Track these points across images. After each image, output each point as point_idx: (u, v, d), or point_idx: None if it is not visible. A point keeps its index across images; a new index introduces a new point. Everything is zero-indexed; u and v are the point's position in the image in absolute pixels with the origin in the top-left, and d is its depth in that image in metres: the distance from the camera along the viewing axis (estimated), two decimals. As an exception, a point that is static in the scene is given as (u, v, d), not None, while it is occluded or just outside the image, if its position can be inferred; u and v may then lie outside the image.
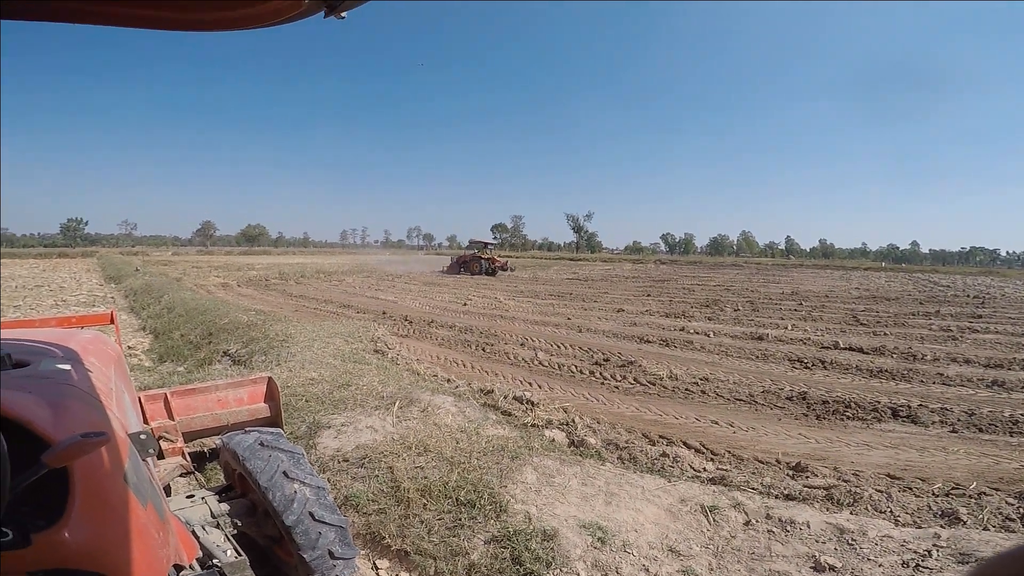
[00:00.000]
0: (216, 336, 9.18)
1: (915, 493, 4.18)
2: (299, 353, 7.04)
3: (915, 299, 19.48)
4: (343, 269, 33.15)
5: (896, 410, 6.22)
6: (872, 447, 5.26)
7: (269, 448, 2.40)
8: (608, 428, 5.62)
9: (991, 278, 36.89)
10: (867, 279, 32.81)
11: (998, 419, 5.87)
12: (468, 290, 20.97)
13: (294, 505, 2.19)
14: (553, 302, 17.34)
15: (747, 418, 6.14)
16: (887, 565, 2.86)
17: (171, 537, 1.31)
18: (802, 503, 3.77)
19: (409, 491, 3.45)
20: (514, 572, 2.82)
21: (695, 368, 8.25)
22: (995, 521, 3.62)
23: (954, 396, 6.85)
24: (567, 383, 7.55)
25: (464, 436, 4.32)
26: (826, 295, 20.83)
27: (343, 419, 4.62)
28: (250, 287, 21.41)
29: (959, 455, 5.02)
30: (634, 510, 3.45)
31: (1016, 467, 4.70)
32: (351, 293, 19.40)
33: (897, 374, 7.89)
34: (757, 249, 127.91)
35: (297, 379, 5.80)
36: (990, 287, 26.94)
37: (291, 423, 4.60)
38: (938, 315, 14.64)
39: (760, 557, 3.02)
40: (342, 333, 8.99)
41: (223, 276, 25.63)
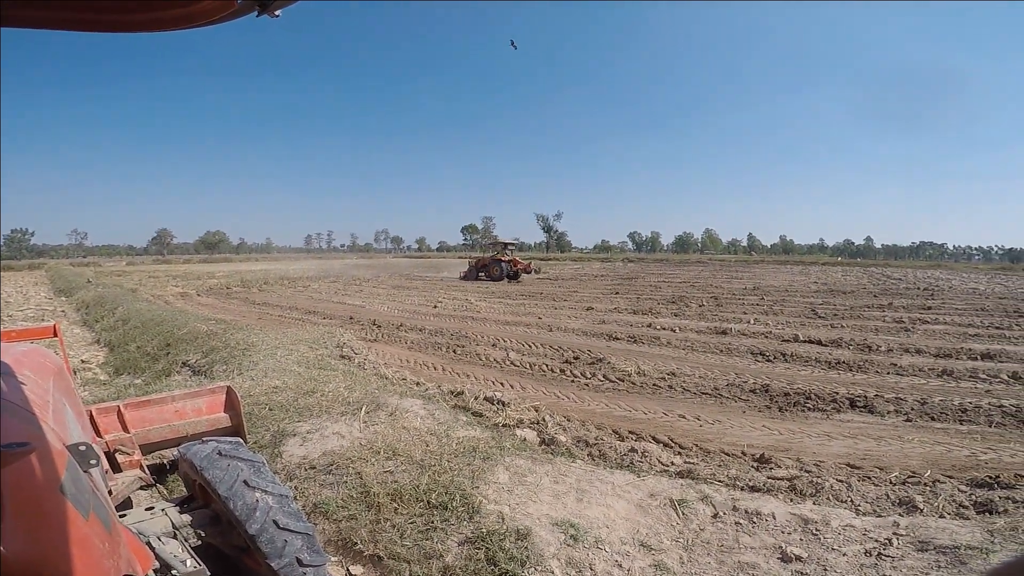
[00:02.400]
0: (175, 347, 8.88)
1: (874, 482, 4.30)
2: (262, 361, 6.87)
3: (870, 292, 20.29)
4: (308, 275, 32.52)
5: (854, 401, 6.42)
6: (832, 437, 5.42)
7: (228, 457, 2.38)
8: (578, 425, 5.67)
9: (939, 271, 38.71)
10: (825, 273, 34.05)
11: (948, 408, 6.10)
12: (439, 292, 20.85)
13: (256, 514, 2.17)
14: (524, 302, 17.39)
15: (713, 411, 6.28)
16: (851, 554, 2.94)
17: (121, 548, 1.28)
18: (767, 494, 3.86)
19: (379, 496, 3.41)
20: (489, 572, 2.81)
21: (662, 363, 8.39)
22: (950, 509, 3.74)
23: (907, 386, 7.12)
24: (538, 382, 7.58)
25: (434, 439, 4.29)
26: (786, 289, 21.52)
27: (309, 426, 4.53)
28: (211, 296, 20.78)
29: (914, 444, 5.20)
30: (605, 506, 3.48)
31: (967, 454, 4.89)
32: (317, 299, 19.04)
33: (854, 365, 8.17)
34: (721, 246, 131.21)
35: (260, 388, 5.66)
36: (938, 280, 28.25)
37: (255, 432, 4.49)
38: (891, 307, 15.27)
39: (729, 549, 3.09)
40: (306, 340, 8.82)
41: (182, 285, 24.79)
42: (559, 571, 2.84)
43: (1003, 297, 18.30)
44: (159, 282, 27.10)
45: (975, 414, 5.87)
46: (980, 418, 5.77)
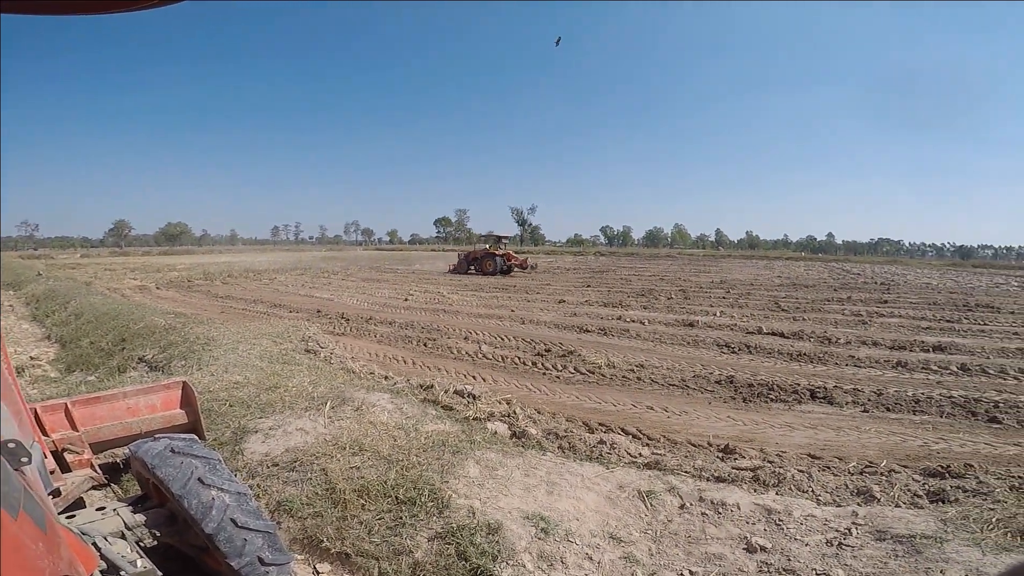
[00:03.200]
0: (130, 342, 8.54)
1: (833, 472, 4.42)
2: (223, 356, 6.65)
3: (830, 286, 20.96)
4: (275, 267, 31.69)
5: (814, 392, 6.61)
6: (794, 428, 5.56)
7: (181, 455, 2.31)
8: (549, 418, 5.68)
9: (896, 266, 40.32)
10: (788, 268, 35.04)
11: (903, 399, 6.33)
12: (410, 285, 20.62)
13: (213, 512, 2.12)
14: (497, 295, 17.36)
15: (680, 403, 6.37)
16: (813, 544, 3.01)
17: (62, 550, 1.22)
18: (732, 485, 3.91)
19: (345, 492, 3.34)
20: (461, 568, 2.78)
21: (631, 355, 8.48)
22: (905, 498, 3.85)
23: (865, 377, 7.37)
24: (510, 375, 7.57)
25: (402, 433, 4.22)
26: (751, 283, 22.04)
27: (271, 422, 4.40)
28: (171, 289, 20.07)
29: (871, 434, 5.36)
30: (575, 499, 3.48)
31: (920, 444, 5.08)
32: (283, 292, 18.59)
33: (815, 357, 8.41)
34: (689, 241, 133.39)
35: (220, 383, 5.48)
36: (895, 275, 29.42)
37: (214, 429, 4.34)
38: (850, 301, 15.80)
39: (696, 540, 3.13)
40: (270, 334, 8.58)
41: (140, 278, 23.82)
42: (531, 565, 2.83)
43: (953, 292, 19.17)
44: (116, 275, 25.99)
45: (927, 405, 6.10)
46: (932, 408, 6.00)
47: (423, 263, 38.21)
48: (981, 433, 5.30)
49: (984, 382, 7.01)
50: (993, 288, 21.07)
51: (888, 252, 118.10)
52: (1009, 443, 5.00)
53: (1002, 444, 4.99)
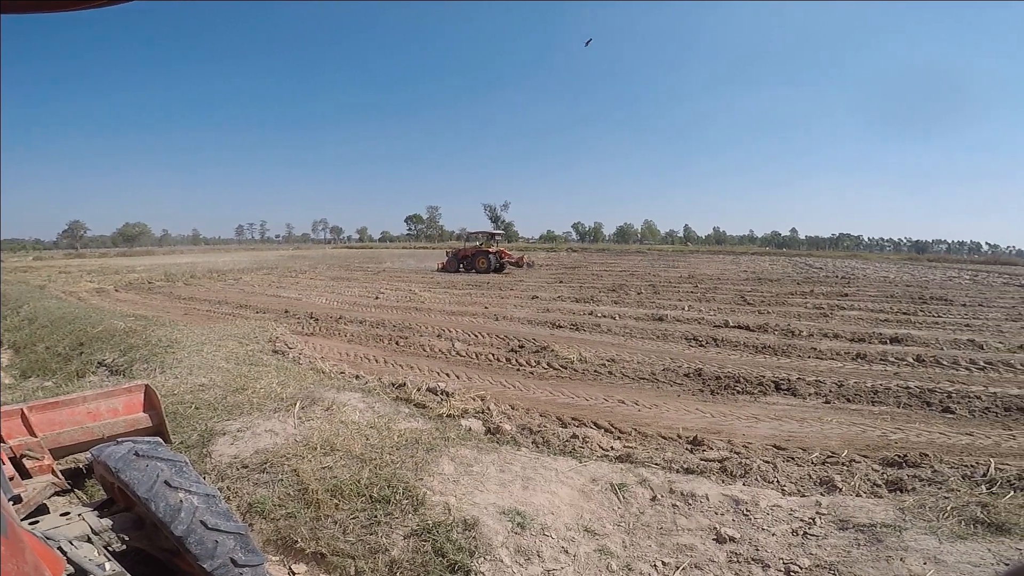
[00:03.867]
0: (89, 346, 8.25)
1: (797, 463, 4.52)
2: (186, 359, 6.49)
3: (793, 280, 21.59)
4: (240, 267, 30.89)
5: (779, 384, 6.77)
6: (760, 419, 5.69)
7: (146, 458, 2.27)
8: (523, 413, 5.70)
9: (855, 260, 41.83)
10: (753, 263, 35.98)
11: (862, 390, 6.53)
12: (381, 283, 20.39)
13: (181, 515, 2.10)
14: (470, 291, 17.30)
15: (650, 396, 6.48)
16: (779, 534, 3.10)
17: (26, 554, 1.19)
18: (701, 476, 4.00)
19: (318, 492, 3.32)
20: (438, 564, 2.79)
21: (603, 350, 8.58)
22: (865, 487, 3.96)
23: (826, 369, 7.59)
24: (484, 372, 7.58)
25: (375, 432, 4.20)
26: (718, 278, 22.54)
27: (239, 424, 4.32)
28: (131, 291, 19.35)
29: (832, 424, 5.52)
30: (550, 493, 3.52)
31: (879, 434, 5.24)
32: (249, 292, 18.14)
33: (779, 349, 8.64)
34: (659, 237, 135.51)
35: (185, 386, 5.35)
36: (855, 268, 30.49)
37: (180, 432, 4.24)
38: (812, 294, 16.30)
39: (668, 532, 3.20)
40: (236, 335, 8.40)
41: (97, 281, 22.88)
42: (508, 559, 2.85)
43: (909, 285, 19.99)
44: (72, 278, 24.89)
45: (885, 395, 6.31)
46: (890, 399, 6.20)
47: (394, 261, 37.79)
48: (936, 423, 5.50)
49: (938, 373, 7.30)
50: (946, 281, 22.04)
51: (848, 247, 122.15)
52: (961, 432, 5.20)
53: (955, 434, 5.18)
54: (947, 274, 26.84)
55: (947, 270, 31.14)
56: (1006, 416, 5.61)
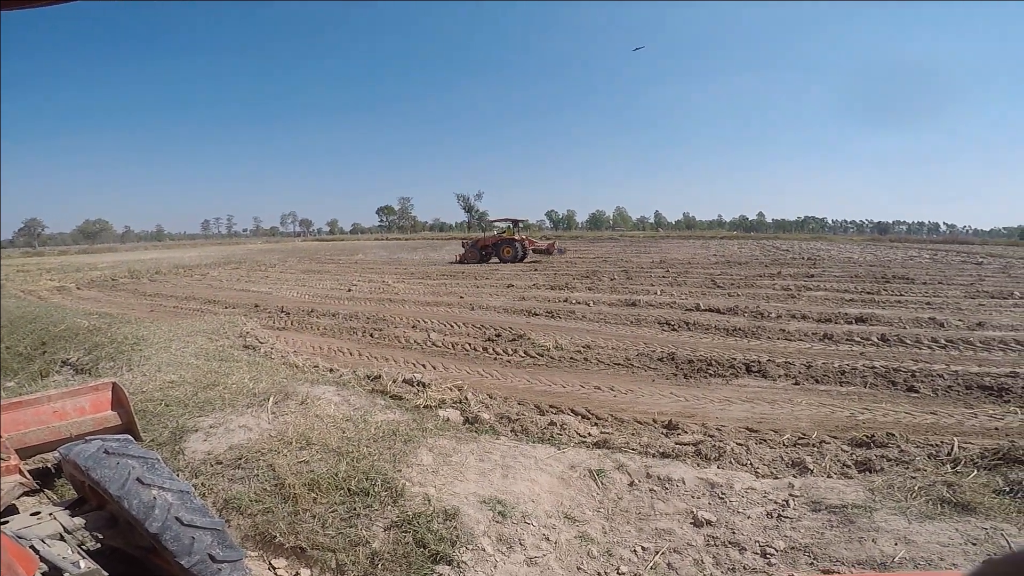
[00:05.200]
0: (52, 345, 7.97)
1: (769, 444, 4.61)
2: (154, 356, 6.31)
3: (761, 262, 22.05)
4: (207, 262, 30.07)
5: (749, 366, 6.90)
6: (732, 402, 5.79)
7: (116, 455, 2.24)
8: (501, 402, 5.70)
9: (820, 242, 42.92)
10: (723, 247, 36.61)
11: (830, 370, 6.68)
12: (353, 275, 20.11)
13: (156, 512, 2.07)
14: (445, 282, 17.19)
15: (625, 381, 6.55)
16: (754, 517, 3.17)
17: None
18: (676, 460, 4.06)
19: (295, 487, 3.28)
20: (420, 555, 2.78)
21: (578, 337, 8.64)
22: (835, 468, 4.06)
23: (795, 350, 7.75)
24: (461, 361, 7.55)
25: (351, 425, 4.15)
26: (689, 262, 22.88)
27: (211, 421, 4.22)
28: (93, 289, 18.67)
29: (802, 406, 5.63)
30: (530, 480, 3.54)
31: (847, 415, 5.37)
32: (217, 287, 17.70)
33: (749, 332, 8.81)
34: (631, 223, 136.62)
35: (153, 383, 5.20)
36: (820, 250, 31.30)
37: (151, 430, 4.14)
38: (780, 276, 16.69)
39: (646, 516, 3.25)
40: (205, 331, 8.19)
41: (58, 279, 21.98)
42: (490, 548, 2.86)
43: (873, 265, 20.61)
44: (30, 276, 23.86)
45: (852, 375, 6.48)
46: (857, 379, 6.36)
47: (367, 252, 37.30)
48: (901, 402, 5.65)
49: (902, 352, 7.51)
50: (908, 261, 22.81)
51: (814, 229, 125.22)
52: (926, 412, 5.35)
53: (920, 413, 5.33)
54: (908, 254, 27.81)
55: (908, 250, 32.26)
56: (967, 394, 5.81)
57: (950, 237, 68.25)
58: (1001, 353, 7.38)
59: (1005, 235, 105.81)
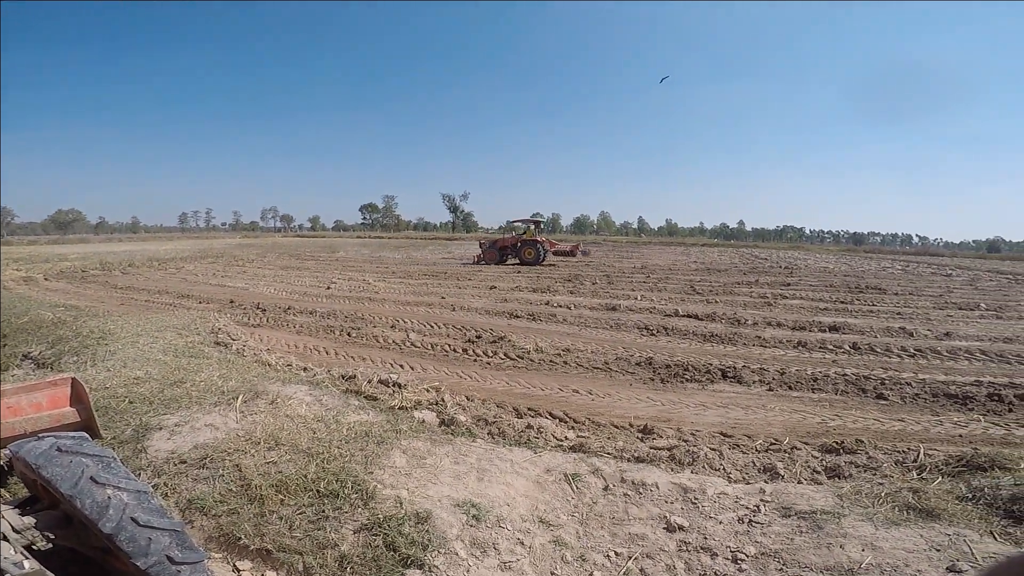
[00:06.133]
0: (13, 338, 7.71)
1: (742, 450, 4.64)
2: (120, 351, 6.12)
3: (740, 270, 22.37)
4: (183, 255, 29.41)
5: (725, 372, 6.96)
6: (707, 407, 5.83)
7: (69, 453, 2.16)
8: (479, 404, 5.65)
9: (798, 252, 43.83)
10: (703, 254, 37.07)
11: (803, 377, 6.77)
12: (333, 273, 19.86)
13: (110, 511, 2.00)
14: (427, 282, 17.05)
15: (604, 385, 6.55)
16: (726, 522, 3.17)
17: None
18: (650, 465, 4.06)
19: (262, 488, 3.19)
20: (390, 558, 2.73)
21: (558, 340, 8.63)
22: (806, 475, 4.09)
23: (770, 357, 7.85)
24: (440, 363, 7.48)
25: (322, 425, 4.07)
26: (670, 268, 23.09)
27: (177, 419, 4.10)
28: (62, 280, 18.09)
29: (775, 412, 5.69)
30: (505, 484, 3.50)
31: (818, 421, 5.44)
32: (192, 282, 17.30)
33: (726, 338, 8.90)
34: (614, 228, 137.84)
35: (118, 379, 5.03)
36: (797, 259, 31.91)
37: (113, 427, 4.00)
38: (757, 284, 16.94)
39: (620, 521, 3.23)
40: (175, 326, 7.99)
41: (25, 269, 21.26)
42: (464, 552, 2.82)
43: (847, 275, 21.06)
44: (-6, 265, 23.11)
45: (824, 382, 6.56)
46: (828, 386, 6.45)
47: (348, 250, 36.91)
48: (870, 409, 5.74)
49: (872, 360, 7.66)
50: (880, 271, 23.35)
51: (792, 238, 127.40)
52: (894, 419, 5.45)
53: (888, 420, 5.42)
54: (881, 264, 28.49)
55: (881, 261, 33.08)
56: (934, 402, 5.94)
57: (922, 249, 70.14)
58: (966, 362, 7.58)
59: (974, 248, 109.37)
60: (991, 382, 6.55)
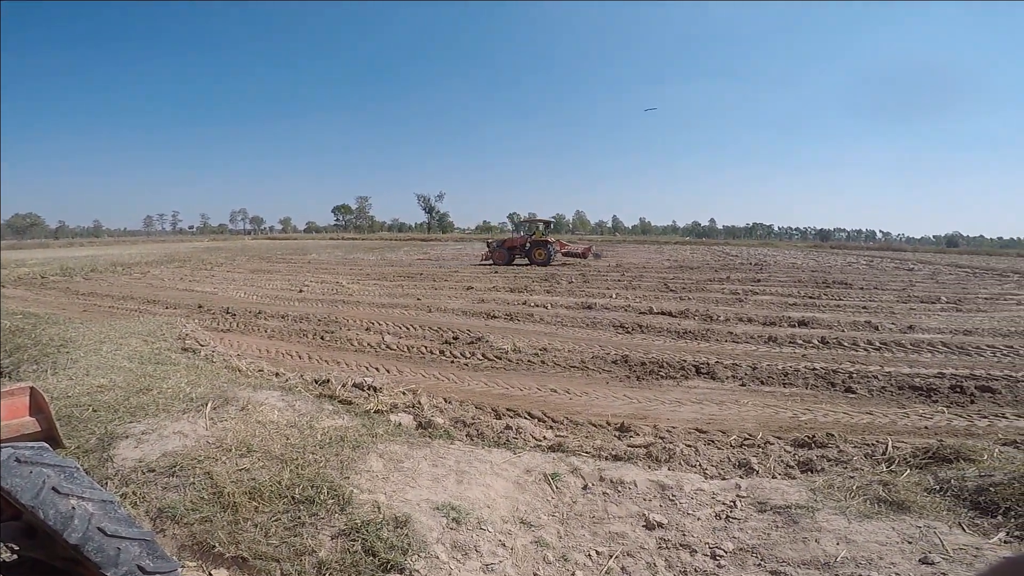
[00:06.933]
0: (-34, 347, 7.32)
1: (717, 445, 4.69)
2: (83, 359, 5.91)
3: (712, 267, 22.80)
4: (149, 260, 28.52)
5: (699, 368, 7.05)
6: (682, 403, 5.89)
7: (29, 464, 2.09)
8: (457, 406, 5.61)
9: (767, 248, 44.90)
10: (676, 251, 37.76)
11: (774, 372, 6.90)
12: (306, 275, 19.51)
13: (75, 522, 1.96)
14: (402, 283, 16.89)
15: (581, 384, 6.58)
16: (703, 518, 3.20)
17: None
18: (628, 463, 4.08)
19: (235, 495, 3.11)
20: (370, 563, 2.67)
21: (536, 339, 8.64)
22: (779, 469, 4.16)
23: (742, 352, 7.98)
24: (417, 365, 7.40)
25: (295, 431, 3.98)
26: (644, 266, 23.42)
27: (144, 427, 3.96)
28: (20, 287, 17.32)
29: (748, 407, 5.78)
30: (485, 486, 3.48)
31: (790, 416, 5.54)
32: (158, 287, 16.78)
33: (699, 335, 9.03)
34: (589, 227, 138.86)
35: (81, 387, 4.85)
36: (766, 256, 32.74)
37: (76, 436, 3.86)
38: (729, 280, 17.27)
39: (600, 520, 3.24)
40: (140, 332, 7.74)
41: (-22, 276, 20.37)
42: (444, 555, 2.78)
43: (815, 270, 21.65)
44: (-56, 272, 22.01)
45: (795, 377, 6.70)
46: (799, 381, 6.59)
47: (320, 252, 36.35)
48: (840, 403, 5.87)
49: (840, 354, 7.85)
50: (846, 267, 24.09)
51: (761, 236, 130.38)
52: (863, 412, 5.58)
53: (857, 413, 5.55)
54: (847, 260, 29.36)
55: (847, 256, 34.10)
56: (900, 394, 6.11)
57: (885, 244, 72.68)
58: (929, 355, 7.84)
59: (934, 243, 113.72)
60: (953, 374, 6.78)
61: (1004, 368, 7.11)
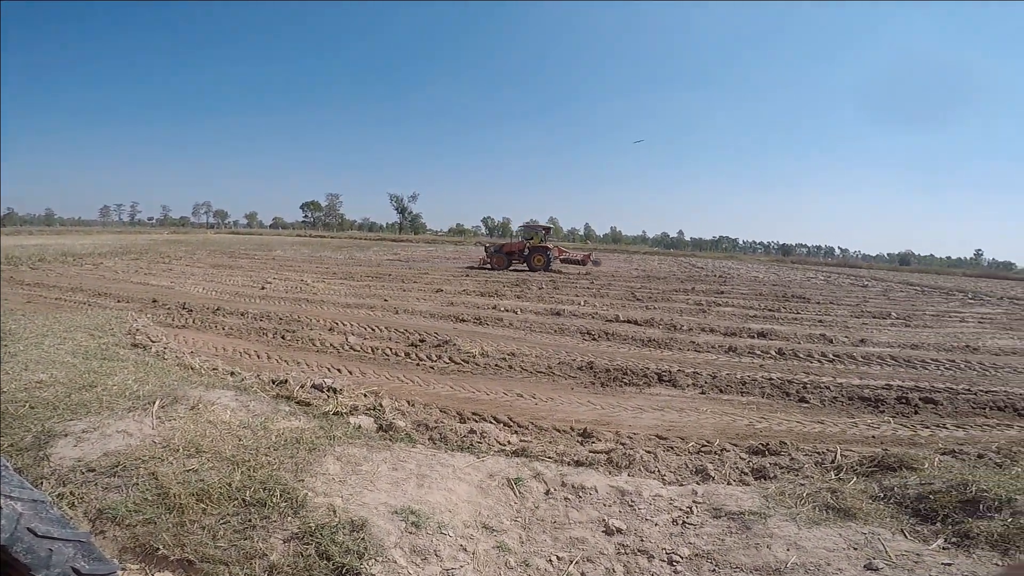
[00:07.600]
0: None
1: (676, 452, 4.77)
2: (22, 353, 5.60)
3: (678, 278, 23.28)
4: (102, 250, 27.35)
5: (661, 375, 7.17)
6: (644, 410, 5.96)
7: None
8: (421, 409, 5.55)
9: (731, 261, 46.13)
10: (645, 261, 38.40)
11: (733, 381, 7.07)
12: (269, 272, 19.03)
13: (2, 522, 1.87)
14: (370, 283, 16.65)
15: (547, 389, 6.59)
16: (661, 524, 3.24)
17: None
18: (589, 468, 4.11)
19: (181, 496, 2.97)
20: (324, 567, 2.59)
21: (504, 344, 8.62)
22: (734, 476, 4.25)
23: (703, 361, 8.17)
24: (380, 367, 7.28)
25: (248, 432, 3.85)
26: (613, 275, 23.73)
27: (85, 425, 3.76)
28: (-43, 276, 16.39)
29: (707, 414, 5.89)
30: (447, 490, 3.43)
31: (746, 424, 5.67)
32: (111, 279, 16.09)
33: (662, 343, 9.19)
34: (562, 234, 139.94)
35: (18, 383, 4.58)
36: (730, 268, 33.64)
37: (10, 434, 3.66)
38: (694, 291, 17.66)
39: (561, 525, 3.24)
40: (86, 326, 7.39)
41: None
42: (403, 560, 2.72)
43: (775, 284, 22.33)
44: None
45: (752, 386, 6.88)
46: (756, 390, 6.77)
47: (286, 249, 35.55)
48: (793, 412, 6.04)
49: (795, 365, 8.10)
50: (805, 281, 24.96)
51: (727, 248, 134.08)
52: (815, 421, 5.77)
53: (809, 422, 5.73)
54: (806, 275, 30.41)
55: (806, 271, 35.32)
56: (849, 405, 6.34)
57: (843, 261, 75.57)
58: (879, 367, 8.17)
59: (888, 260, 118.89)
60: (900, 386, 7.09)
61: (946, 381, 7.47)
